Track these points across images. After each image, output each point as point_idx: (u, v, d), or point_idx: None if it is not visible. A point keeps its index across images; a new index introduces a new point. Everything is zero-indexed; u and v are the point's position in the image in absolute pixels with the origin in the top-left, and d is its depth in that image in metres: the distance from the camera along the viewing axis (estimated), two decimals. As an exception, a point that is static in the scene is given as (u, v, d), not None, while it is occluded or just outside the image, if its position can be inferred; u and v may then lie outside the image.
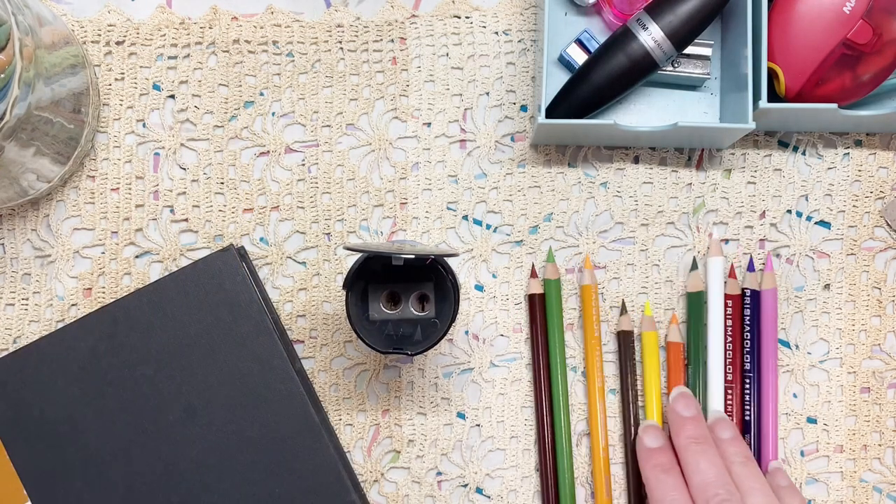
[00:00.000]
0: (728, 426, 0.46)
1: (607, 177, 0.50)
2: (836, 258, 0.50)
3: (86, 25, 0.50)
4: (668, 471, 0.44)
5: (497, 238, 0.50)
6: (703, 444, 0.45)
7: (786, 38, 0.46)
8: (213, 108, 0.50)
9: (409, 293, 0.42)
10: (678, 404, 0.47)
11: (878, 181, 0.51)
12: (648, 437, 0.47)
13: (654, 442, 0.46)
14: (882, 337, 0.50)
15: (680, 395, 0.47)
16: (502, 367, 0.50)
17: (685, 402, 0.47)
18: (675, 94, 0.50)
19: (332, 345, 0.50)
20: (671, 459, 0.45)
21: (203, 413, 0.46)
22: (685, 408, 0.47)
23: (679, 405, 0.47)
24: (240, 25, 0.50)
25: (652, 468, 0.45)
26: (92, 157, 0.50)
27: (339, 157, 0.50)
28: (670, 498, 0.43)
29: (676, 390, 0.48)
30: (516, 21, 0.51)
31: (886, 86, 0.49)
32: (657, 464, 0.45)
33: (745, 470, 0.44)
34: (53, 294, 0.49)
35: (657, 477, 0.44)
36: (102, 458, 0.46)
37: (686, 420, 0.46)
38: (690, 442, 0.45)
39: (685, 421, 0.46)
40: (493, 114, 0.51)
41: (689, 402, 0.47)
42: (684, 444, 0.45)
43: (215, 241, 0.50)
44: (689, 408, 0.47)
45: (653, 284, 0.50)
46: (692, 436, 0.45)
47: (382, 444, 0.49)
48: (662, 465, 0.45)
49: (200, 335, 0.46)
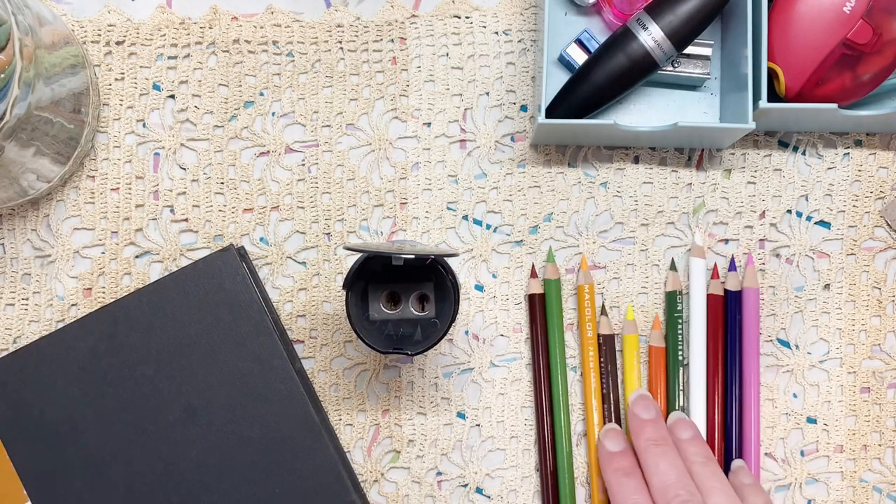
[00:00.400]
0: (688, 427, 0.46)
1: (607, 177, 0.50)
2: (836, 258, 0.50)
3: (86, 25, 0.50)
4: (630, 474, 0.44)
5: (497, 238, 0.50)
6: (663, 445, 0.44)
7: (786, 38, 0.46)
8: (213, 108, 0.50)
9: (409, 293, 0.42)
10: (637, 407, 0.47)
11: (878, 181, 0.51)
12: (609, 441, 0.46)
13: (615, 446, 0.46)
14: (882, 337, 0.50)
15: (639, 398, 0.47)
16: (502, 367, 0.50)
17: (644, 405, 0.47)
18: (675, 94, 0.50)
19: (332, 345, 0.50)
20: (632, 463, 0.45)
21: (203, 413, 0.46)
22: (644, 410, 0.47)
23: (638, 407, 0.47)
24: (240, 25, 0.50)
25: (613, 472, 0.45)
26: (92, 157, 0.50)
27: (339, 157, 0.50)
28: (632, 501, 0.43)
29: (635, 393, 0.48)
30: (516, 21, 0.51)
31: (886, 86, 0.49)
32: (618, 468, 0.45)
33: (705, 470, 0.43)
34: (53, 294, 0.49)
35: (619, 481, 0.44)
36: (102, 458, 0.46)
37: (645, 422, 0.46)
38: (650, 444, 0.45)
39: (644, 423, 0.46)
40: (493, 114, 0.51)
41: (647, 405, 0.47)
42: (644, 447, 0.45)
43: (215, 241, 0.50)
44: (648, 410, 0.47)
45: (652, 284, 0.50)
46: (651, 438, 0.45)
47: (382, 444, 0.49)
48: (623, 468, 0.45)
49: (200, 335, 0.46)
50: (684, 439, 0.46)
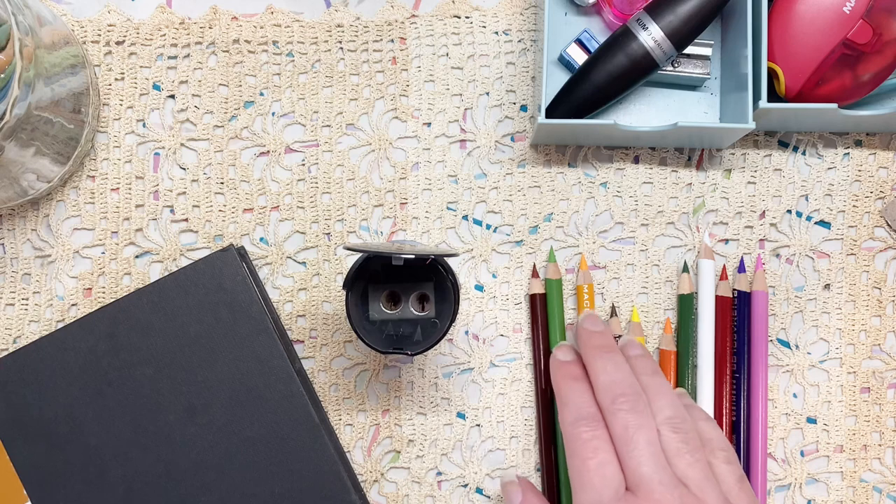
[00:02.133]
0: (637, 346, 0.45)
1: (607, 177, 0.50)
2: (836, 258, 0.50)
3: (86, 25, 0.50)
4: (578, 379, 0.43)
5: (497, 238, 0.50)
6: (611, 352, 0.43)
7: (786, 38, 0.46)
8: (213, 108, 0.50)
9: (409, 293, 0.42)
10: (586, 322, 0.46)
11: (878, 181, 0.51)
12: (561, 353, 0.45)
13: (566, 356, 0.45)
14: (882, 337, 0.50)
15: (588, 315, 0.46)
16: (502, 367, 0.50)
17: (592, 321, 0.46)
18: (675, 94, 0.50)
19: (332, 345, 0.50)
20: (581, 372, 0.44)
21: (203, 413, 0.46)
22: (592, 324, 0.45)
23: (587, 322, 0.46)
24: (240, 25, 0.50)
25: (562, 377, 0.43)
26: (92, 157, 0.50)
27: (339, 157, 0.50)
28: (578, 402, 0.42)
29: (584, 313, 0.47)
30: (516, 21, 0.51)
31: (886, 86, 0.49)
32: (567, 373, 0.44)
33: (653, 380, 0.42)
34: (53, 294, 0.49)
35: (567, 383, 0.43)
36: (102, 458, 0.46)
37: (592, 332, 0.45)
38: (597, 349, 0.43)
39: (592, 333, 0.45)
40: (493, 114, 0.51)
41: (595, 321, 0.46)
42: (591, 353, 0.43)
43: (215, 241, 0.50)
44: (595, 324, 0.45)
45: (653, 284, 0.50)
46: (599, 345, 0.44)
47: (382, 444, 0.49)
48: (572, 373, 0.43)
49: (200, 335, 0.46)
50: (633, 355, 0.44)
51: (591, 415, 0.41)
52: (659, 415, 0.41)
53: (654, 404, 0.41)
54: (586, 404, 0.42)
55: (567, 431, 0.41)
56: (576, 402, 0.42)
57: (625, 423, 0.40)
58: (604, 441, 0.40)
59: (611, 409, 0.41)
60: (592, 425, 0.41)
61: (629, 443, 0.39)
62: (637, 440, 0.39)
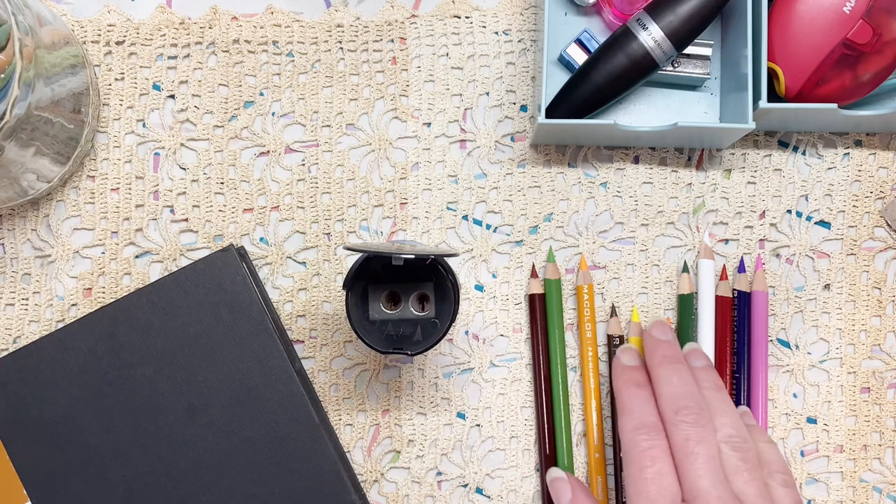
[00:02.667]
0: (702, 356, 0.46)
1: (607, 177, 0.50)
2: (836, 258, 0.50)
3: (86, 25, 0.50)
4: (641, 385, 0.44)
5: (497, 238, 0.50)
6: (677, 363, 0.44)
7: (786, 38, 0.46)
8: (213, 108, 0.50)
9: (409, 293, 0.42)
10: (655, 329, 0.46)
11: (878, 181, 0.51)
12: (625, 356, 0.46)
13: (631, 360, 0.45)
14: (882, 337, 0.50)
15: (657, 323, 0.47)
16: (502, 367, 0.50)
17: (661, 328, 0.46)
18: (675, 94, 0.50)
19: (332, 345, 0.50)
20: (645, 378, 0.44)
21: (203, 413, 0.46)
22: (661, 332, 0.46)
23: (656, 330, 0.46)
24: (240, 25, 0.50)
25: (625, 382, 0.44)
26: (92, 157, 0.50)
27: (339, 157, 0.50)
28: (640, 410, 0.42)
29: (655, 321, 0.48)
30: (516, 21, 0.51)
31: (886, 86, 0.49)
32: (630, 379, 0.44)
33: (716, 395, 0.43)
34: (53, 294, 0.49)
35: (630, 390, 0.43)
36: (102, 458, 0.46)
37: (661, 342, 0.45)
38: (664, 360, 0.44)
39: (660, 343, 0.45)
40: (493, 114, 0.51)
41: (665, 329, 0.46)
42: (657, 362, 0.44)
43: (215, 241, 0.50)
44: (665, 333, 0.46)
45: (653, 284, 0.50)
46: (667, 355, 0.44)
47: (382, 444, 0.49)
48: (636, 380, 0.44)
49: (200, 335, 0.46)
50: (697, 367, 0.45)
51: (652, 424, 0.41)
52: (720, 431, 0.41)
53: (716, 420, 0.41)
54: (648, 413, 0.42)
55: (626, 439, 0.42)
56: (637, 410, 0.42)
57: (686, 435, 0.40)
58: (663, 451, 0.40)
59: (673, 421, 0.41)
60: (652, 434, 0.41)
61: (689, 455, 0.40)
62: (698, 453, 0.40)
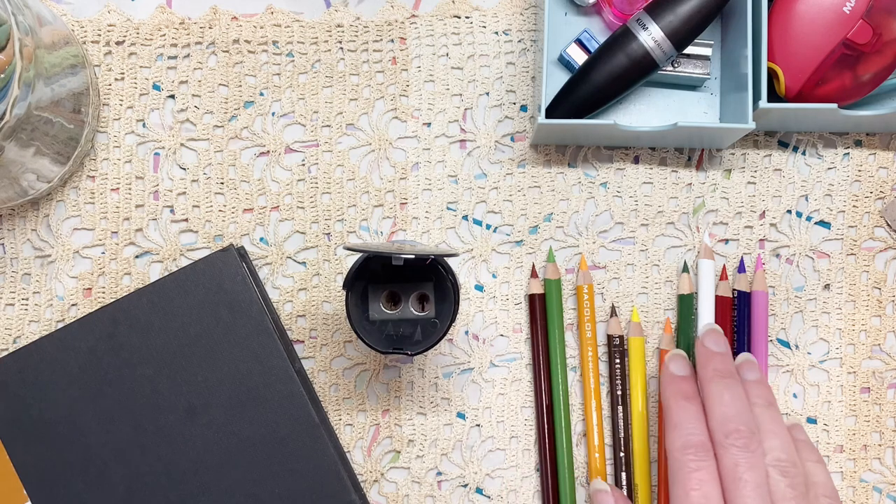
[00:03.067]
0: (755, 368, 0.45)
1: (607, 177, 0.50)
2: (836, 258, 0.50)
3: (86, 25, 0.50)
4: (690, 398, 0.43)
5: (497, 238, 0.50)
6: (730, 379, 0.43)
7: (786, 38, 0.46)
8: (213, 108, 0.50)
9: (409, 293, 0.42)
10: (707, 339, 0.45)
11: (878, 181, 0.51)
12: (675, 365, 0.45)
13: (681, 370, 0.44)
14: (882, 337, 0.50)
15: (710, 331, 0.45)
16: (502, 367, 0.50)
17: (715, 338, 0.45)
18: (675, 94, 0.50)
19: (332, 345, 0.50)
20: (695, 390, 0.43)
21: (203, 413, 0.46)
22: (714, 343, 0.44)
23: (708, 340, 0.45)
24: (240, 25, 0.50)
25: (673, 394, 0.43)
26: (92, 157, 0.50)
27: (339, 157, 0.50)
28: (689, 427, 0.41)
29: (706, 326, 0.46)
30: (516, 21, 0.51)
31: (886, 86, 0.49)
32: (679, 390, 0.43)
33: (767, 413, 0.42)
34: (53, 294, 0.49)
35: (678, 403, 0.42)
36: (102, 458, 0.46)
37: (714, 354, 0.44)
38: (717, 375, 0.43)
39: (713, 355, 0.44)
40: (493, 114, 0.51)
41: (718, 339, 0.45)
42: (709, 377, 0.43)
43: (215, 241, 0.50)
44: (718, 343, 0.44)
45: (653, 284, 0.50)
46: (719, 369, 0.43)
47: (382, 444, 0.49)
48: (685, 392, 0.43)
49: (200, 335, 0.46)
50: (750, 380, 0.44)
51: (701, 444, 0.41)
52: (770, 454, 0.41)
53: (766, 442, 0.41)
54: (696, 431, 0.41)
55: (673, 456, 0.41)
56: (686, 427, 0.42)
57: (735, 460, 0.40)
58: (710, 474, 0.40)
59: (723, 444, 0.41)
60: (700, 454, 0.41)
61: (737, 481, 0.39)
62: (746, 480, 0.39)
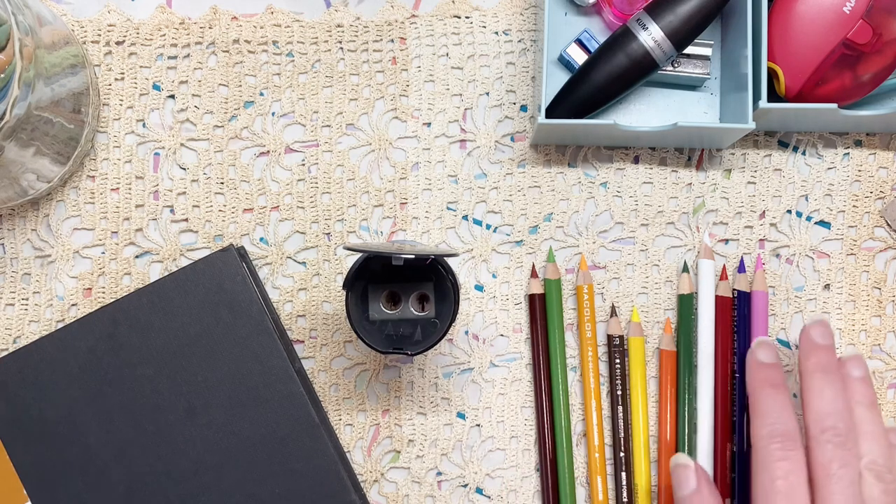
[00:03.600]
0: (861, 365, 0.43)
1: (607, 177, 0.50)
2: (836, 258, 0.50)
3: (86, 25, 0.50)
4: (778, 387, 0.41)
5: (497, 238, 0.50)
6: (832, 374, 0.41)
7: (786, 38, 0.46)
8: (213, 108, 0.50)
9: (409, 293, 0.42)
10: (814, 330, 0.43)
11: (878, 181, 0.51)
12: (762, 352, 0.43)
13: (768, 357, 0.43)
14: (882, 337, 0.50)
15: (819, 323, 0.44)
16: (502, 367, 0.50)
17: (822, 331, 0.43)
18: (675, 94, 0.50)
19: (332, 345, 0.50)
20: (782, 378, 0.41)
21: (203, 413, 0.46)
22: (821, 336, 0.43)
23: (815, 331, 0.43)
24: (240, 25, 0.50)
25: (760, 381, 0.41)
26: (92, 157, 0.50)
27: (339, 157, 0.50)
28: (775, 416, 0.40)
29: (815, 317, 0.44)
30: (516, 21, 0.51)
31: (886, 86, 0.49)
32: (766, 377, 0.41)
33: (868, 414, 0.40)
34: (53, 294, 0.49)
35: (765, 391, 0.41)
36: (102, 458, 0.46)
37: (819, 347, 0.42)
38: (818, 368, 0.41)
39: (818, 347, 0.42)
40: (493, 114, 0.51)
41: (825, 332, 0.43)
42: (811, 370, 0.41)
43: (215, 241, 0.50)
44: (825, 337, 0.43)
45: (653, 284, 0.50)
46: (823, 363, 0.41)
47: (382, 444, 0.49)
48: (772, 380, 0.41)
49: (200, 335, 0.46)
50: (855, 377, 0.42)
51: (788, 433, 0.40)
52: (866, 456, 0.39)
53: (863, 444, 0.40)
54: (785, 420, 0.40)
55: (759, 445, 0.40)
56: (773, 415, 0.40)
57: (830, 456, 0.39)
58: (798, 463, 0.39)
59: (818, 439, 0.39)
60: (788, 444, 0.39)
61: (829, 477, 0.38)
62: (840, 476, 0.38)
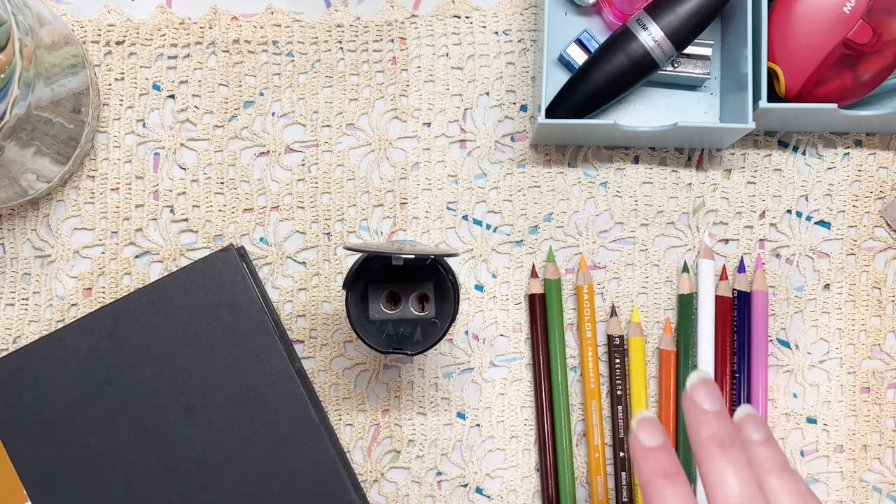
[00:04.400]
0: (760, 426, 0.36)
1: (607, 177, 0.50)
2: (836, 258, 0.50)
3: (86, 25, 0.50)
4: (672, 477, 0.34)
5: (497, 238, 0.50)
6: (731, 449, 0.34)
7: (786, 38, 0.46)
8: (213, 108, 0.50)
9: (409, 293, 0.42)
10: (697, 393, 0.35)
11: (878, 181, 0.51)
12: (644, 434, 0.35)
13: (652, 439, 0.35)
14: (882, 337, 0.50)
15: (699, 383, 0.35)
16: (502, 367, 0.50)
17: (707, 391, 0.35)
18: (675, 94, 0.50)
19: (332, 345, 0.50)
20: (674, 462, 0.34)
21: (203, 413, 0.46)
22: (707, 398, 0.35)
23: (699, 394, 0.35)
24: (240, 25, 0.50)
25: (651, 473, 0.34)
26: (92, 157, 0.50)
27: (339, 157, 0.50)
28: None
29: (694, 376, 0.36)
30: (516, 21, 0.51)
31: (886, 86, 0.49)
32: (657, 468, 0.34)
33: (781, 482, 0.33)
34: (53, 294, 0.49)
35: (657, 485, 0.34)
36: (102, 458, 0.46)
37: (708, 414, 0.34)
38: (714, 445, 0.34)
39: (706, 417, 0.34)
40: (493, 114, 0.51)
41: (711, 392, 0.35)
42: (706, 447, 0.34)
43: (215, 241, 0.50)
44: (712, 398, 0.35)
45: (652, 284, 0.50)
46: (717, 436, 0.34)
47: (382, 444, 0.49)
48: (664, 469, 0.34)
49: (200, 335, 0.46)
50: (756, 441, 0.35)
51: None
52: None
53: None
54: None
55: None
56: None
57: None
58: None
59: None
60: None
61: None
62: None
